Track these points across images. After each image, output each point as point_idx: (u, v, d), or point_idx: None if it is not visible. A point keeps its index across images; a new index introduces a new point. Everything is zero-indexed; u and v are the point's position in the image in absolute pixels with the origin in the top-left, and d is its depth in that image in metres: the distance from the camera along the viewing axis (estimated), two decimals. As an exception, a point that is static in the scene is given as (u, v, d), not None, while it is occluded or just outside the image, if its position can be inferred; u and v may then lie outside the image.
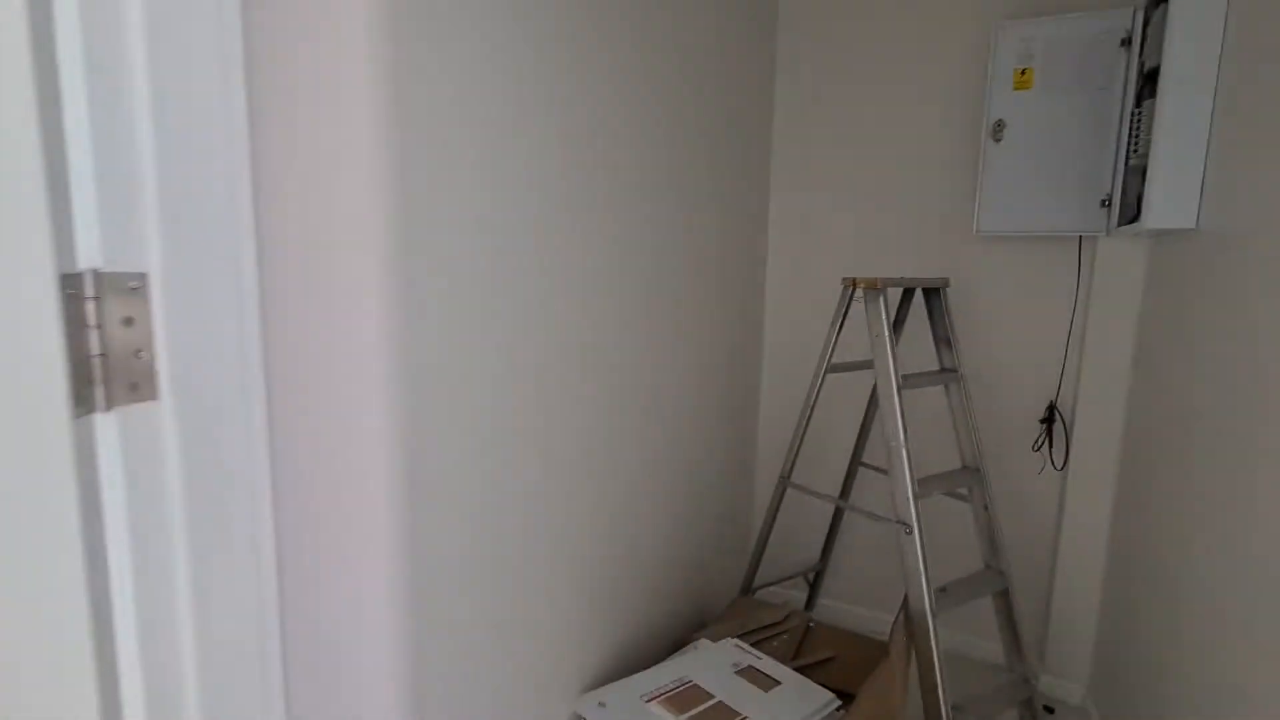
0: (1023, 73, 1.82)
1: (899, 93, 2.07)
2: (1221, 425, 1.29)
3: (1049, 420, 1.96)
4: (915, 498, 1.51)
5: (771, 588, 2.11)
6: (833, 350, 1.77)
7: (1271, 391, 1.11)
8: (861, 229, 2.17)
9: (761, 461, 2.42)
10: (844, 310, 1.74)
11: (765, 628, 1.79)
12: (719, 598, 2.16)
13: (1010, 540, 2.00)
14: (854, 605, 2.31)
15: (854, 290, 1.68)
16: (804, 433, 1.85)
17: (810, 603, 2.23)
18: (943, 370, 1.75)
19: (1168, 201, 1.44)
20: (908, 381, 1.58)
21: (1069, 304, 1.91)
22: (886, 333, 1.57)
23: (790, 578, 2.14)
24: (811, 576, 2.21)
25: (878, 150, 2.12)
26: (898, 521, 1.52)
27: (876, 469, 2.01)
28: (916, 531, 1.50)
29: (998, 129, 1.85)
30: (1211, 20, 1.39)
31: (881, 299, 1.59)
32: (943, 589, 1.56)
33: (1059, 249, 1.92)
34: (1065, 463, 1.91)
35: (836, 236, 2.21)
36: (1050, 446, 1.95)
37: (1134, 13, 1.69)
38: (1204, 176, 1.41)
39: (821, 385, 1.81)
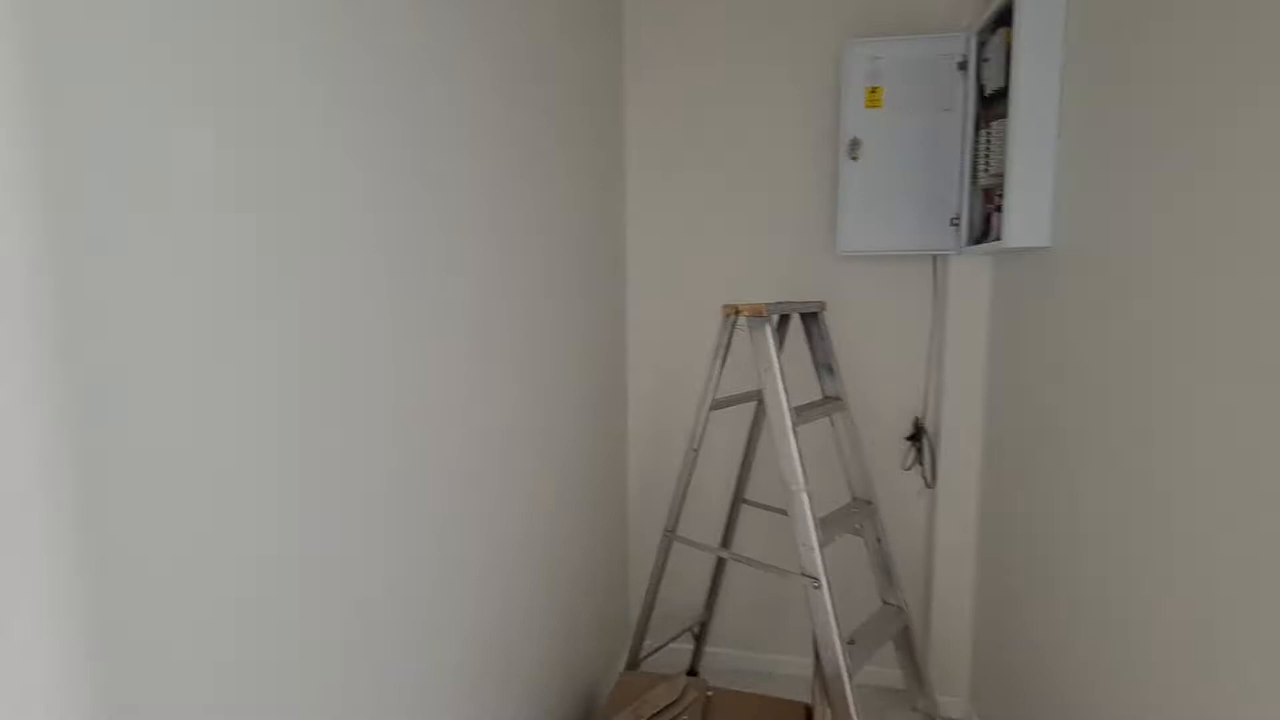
0: (873, 91, 1.81)
1: (758, 112, 1.98)
2: (1075, 431, 1.31)
3: (916, 438, 1.96)
4: (820, 545, 1.36)
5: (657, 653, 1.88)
6: (716, 385, 1.59)
7: (1121, 397, 1.16)
8: (726, 254, 2.04)
9: (635, 513, 2.19)
10: (726, 340, 1.57)
11: (663, 711, 1.54)
12: (602, 675, 1.88)
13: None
14: (744, 650, 2.15)
15: (736, 318, 1.52)
16: (689, 479, 1.65)
17: (697, 657, 2.03)
18: (827, 399, 1.64)
19: (1024, 222, 1.46)
20: (800, 415, 1.44)
21: (929, 321, 1.93)
22: (776, 364, 1.42)
23: (676, 637, 1.92)
24: (697, 629, 2.01)
25: (739, 172, 2.01)
26: (803, 575, 1.37)
27: (762, 506, 1.87)
28: (825, 585, 1.35)
29: (854, 147, 1.82)
30: (1051, 50, 1.42)
31: (768, 326, 1.43)
32: (851, 641, 1.43)
33: (917, 267, 1.93)
34: (935, 480, 1.91)
35: (700, 263, 2.06)
36: (923, 465, 1.95)
37: (968, 38, 1.73)
38: (1054, 197, 1.44)
39: (705, 425, 1.62)
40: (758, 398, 1.77)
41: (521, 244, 1.34)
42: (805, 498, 1.37)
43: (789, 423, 1.39)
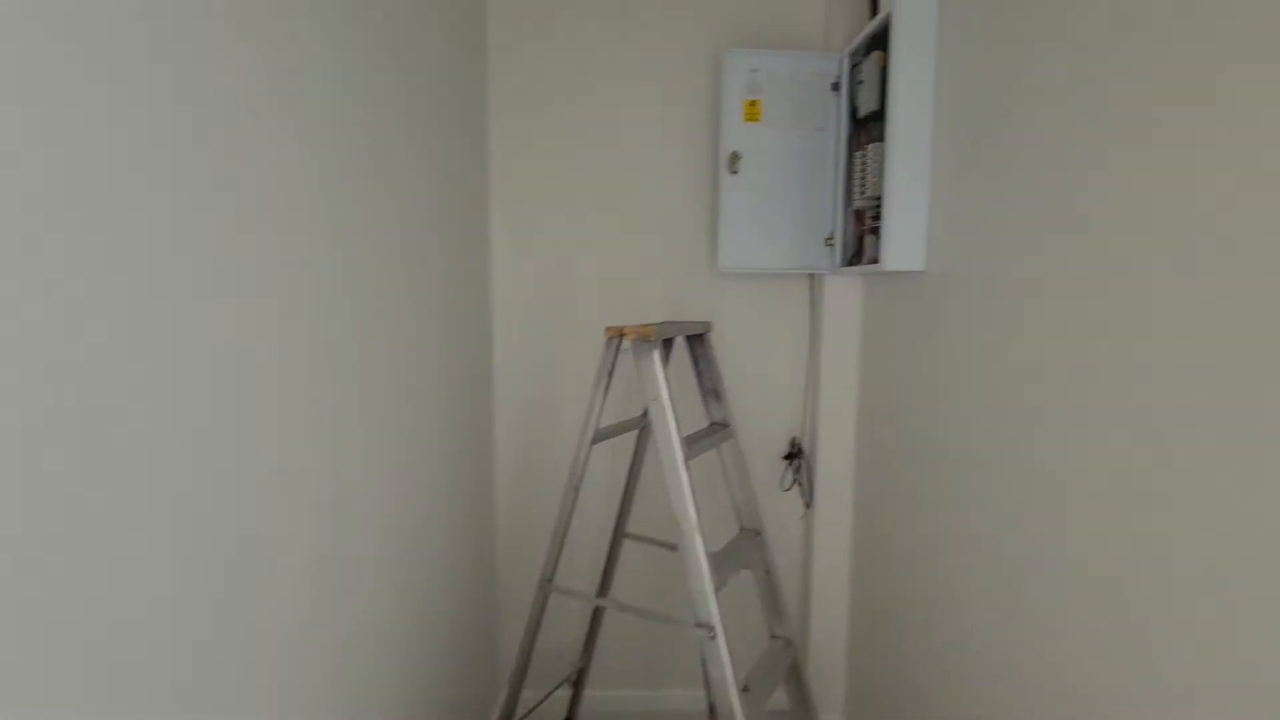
0: (752, 104, 1.75)
1: (636, 122, 1.86)
2: (949, 451, 1.33)
3: (793, 456, 1.95)
4: (716, 590, 1.26)
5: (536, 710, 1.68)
6: (599, 415, 1.44)
7: (995, 418, 1.19)
8: (603, 272, 1.90)
9: (505, 558, 1.97)
10: (610, 366, 1.42)
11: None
12: (469, 744, 1.65)
13: (771, 585, 1.93)
14: (624, 689, 2.01)
15: (620, 341, 1.37)
16: (569, 521, 1.48)
17: (575, 704, 1.86)
18: (714, 426, 1.55)
19: (901, 247, 1.46)
20: (691, 448, 1.33)
21: (807, 339, 1.92)
22: (666, 392, 1.29)
23: (553, 691, 1.74)
24: (574, 676, 1.84)
25: (616, 185, 1.88)
26: (697, 625, 1.25)
27: (646, 540, 1.75)
28: (720, 633, 1.24)
29: (733, 161, 1.76)
30: (924, 79, 1.44)
31: (656, 351, 1.31)
32: (745, 688, 1.34)
33: (796, 285, 1.92)
34: (812, 500, 1.90)
35: (574, 282, 1.90)
36: (802, 486, 1.93)
37: (841, 59, 1.74)
38: (929, 222, 1.46)
39: (588, 459, 1.46)
40: (641, 424, 1.65)
41: (370, 261, 1.10)
42: (699, 539, 1.25)
43: (680, 457, 1.27)
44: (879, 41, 1.57)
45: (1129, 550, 0.85)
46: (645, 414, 1.65)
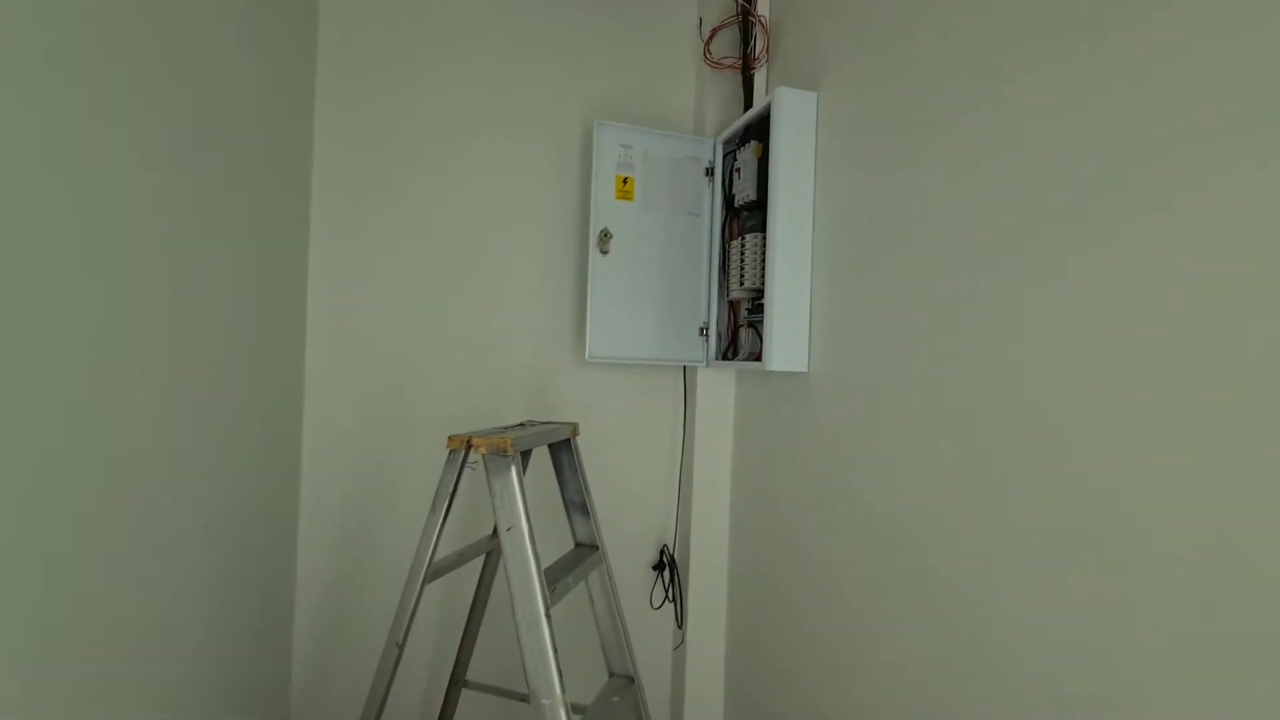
0: (624, 181, 1.62)
1: (497, 192, 1.64)
2: (837, 565, 1.22)
3: (663, 567, 1.74)
4: (584, 779, 0.98)
5: None
6: (435, 545, 1.12)
7: (872, 526, 1.13)
8: (448, 361, 1.61)
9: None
10: (453, 483, 1.12)
11: None
12: None
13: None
14: None
15: (467, 453, 1.09)
16: (389, 684, 1.12)
17: None
18: (579, 549, 1.30)
19: (785, 348, 1.36)
20: (555, 589, 1.06)
21: (679, 435, 1.75)
22: (525, 521, 1.03)
23: None
24: None
25: (471, 259, 1.63)
26: (563, 831, 0.96)
27: (491, 690, 1.41)
28: (592, 839, 0.96)
29: (604, 239, 1.59)
30: (806, 184, 1.39)
31: (513, 467, 1.04)
32: None
33: (668, 375, 1.76)
34: (684, 618, 1.69)
35: (412, 373, 1.58)
36: (675, 603, 1.71)
37: (714, 144, 1.67)
38: (810, 325, 1.38)
39: (419, 600, 1.12)
40: (489, 547, 1.35)
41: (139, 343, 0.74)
42: (563, 713, 0.97)
43: (541, 606, 1.00)
44: (755, 131, 1.52)
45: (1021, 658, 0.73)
46: (494, 534, 1.35)
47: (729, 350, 1.65)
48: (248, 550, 1.26)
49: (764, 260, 1.44)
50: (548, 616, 1.00)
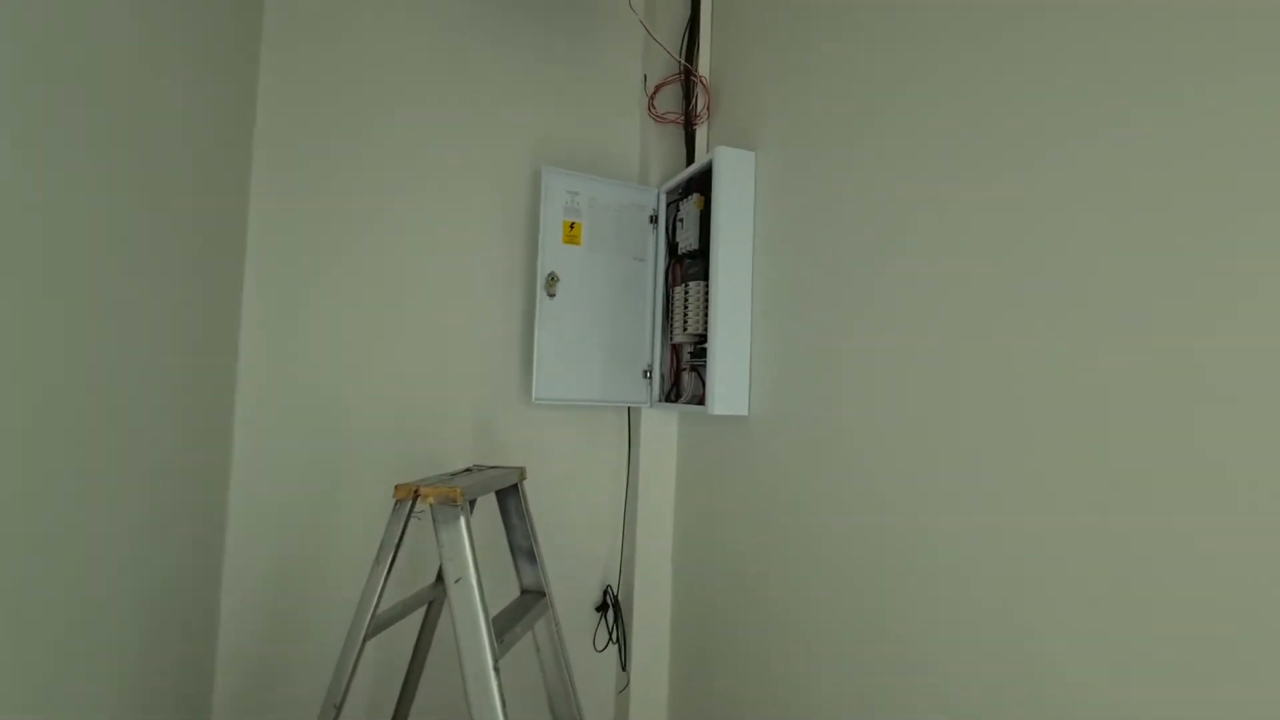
0: (571, 227, 1.65)
1: (443, 237, 1.65)
2: (779, 606, 1.26)
3: (605, 608, 1.74)
4: (533, 839, 0.96)
5: None
6: (378, 600, 1.09)
7: (811, 568, 1.19)
8: (392, 402, 1.58)
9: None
10: (399, 535, 1.10)
11: None
12: None
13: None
14: None
15: (413, 503, 1.08)
16: (326, 749, 1.07)
17: None
18: (525, 595, 1.29)
19: (727, 393, 1.42)
20: (503, 640, 1.05)
21: (622, 476, 1.77)
22: (473, 574, 1.02)
23: None
24: None
25: (417, 297, 1.62)
26: None
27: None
28: None
29: (551, 283, 1.62)
30: (745, 236, 1.46)
31: (463, 518, 1.04)
32: None
33: (613, 416, 1.78)
34: (628, 660, 1.69)
35: (349, 419, 1.54)
36: (618, 645, 1.71)
37: (658, 194, 1.74)
38: (750, 370, 1.44)
39: (358, 661, 1.08)
40: (431, 597, 1.32)
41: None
42: (512, 770, 0.96)
43: (490, 660, 0.99)
44: (697, 184, 1.59)
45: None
46: (436, 583, 1.32)
47: (672, 392, 1.70)
48: (167, 589, 1.19)
49: (706, 307, 1.50)
50: (496, 670, 0.99)
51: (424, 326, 1.62)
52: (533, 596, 1.28)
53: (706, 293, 1.50)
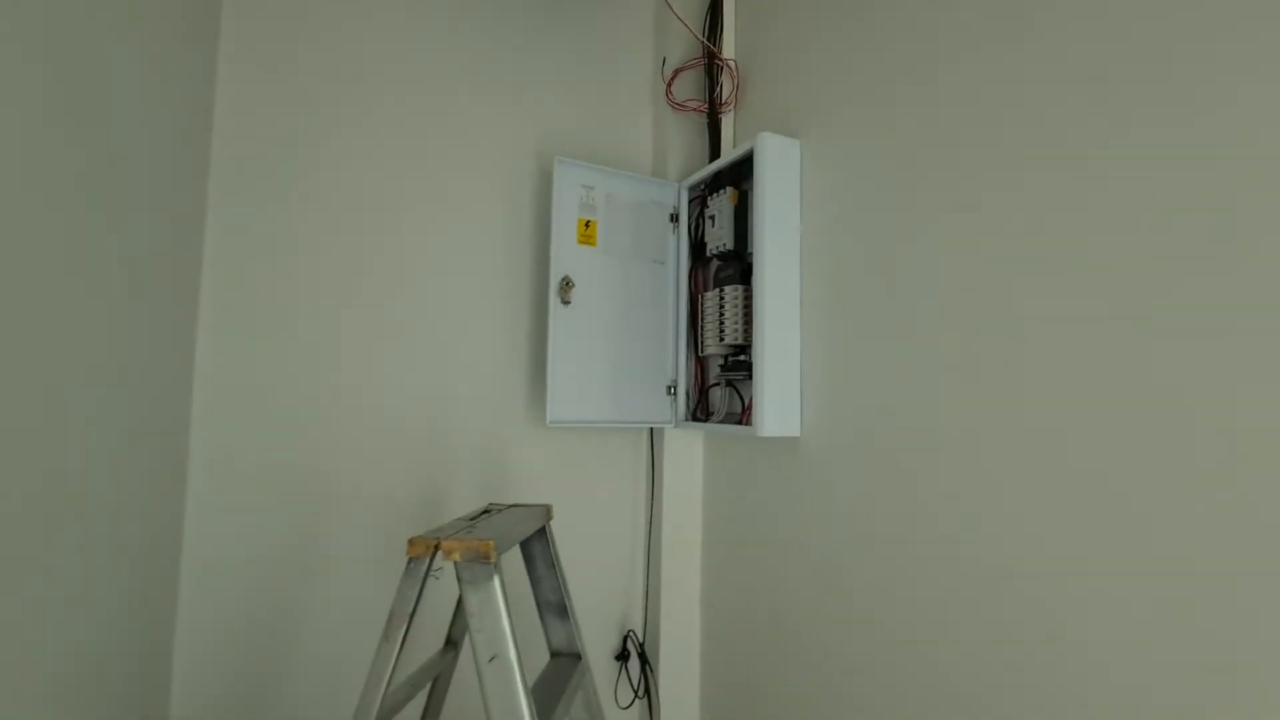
0: (586, 225, 1.46)
1: (441, 238, 1.43)
2: (834, 653, 1.09)
3: (627, 657, 1.53)
4: None
5: None
6: (390, 678, 0.87)
7: (888, 612, 1.04)
8: (387, 430, 1.35)
9: None
10: (414, 599, 0.88)
11: None
12: None
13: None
14: None
15: (431, 559, 0.86)
16: None
17: None
18: (557, 659, 1.07)
19: (776, 410, 1.24)
20: (548, 728, 0.84)
21: (642, 505, 1.57)
22: (512, 648, 0.81)
23: None
24: None
25: (412, 303, 1.39)
26: None
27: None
28: None
29: (565, 288, 1.42)
30: (791, 231, 1.29)
31: (497, 579, 0.82)
32: None
33: (633, 437, 1.59)
34: (655, 717, 1.48)
35: (336, 459, 1.31)
36: (646, 699, 1.50)
37: (679, 189, 1.56)
38: (802, 385, 1.27)
39: (362, 763, 0.85)
40: (439, 669, 1.09)
41: None
42: None
43: (539, 758, 0.78)
44: (727, 178, 1.42)
45: None
46: (444, 651, 1.10)
47: (698, 409, 1.52)
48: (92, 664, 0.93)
49: (746, 314, 1.33)
50: (546, 771, 0.78)
51: (419, 342, 1.39)
52: (567, 661, 1.06)
53: (746, 298, 1.33)
